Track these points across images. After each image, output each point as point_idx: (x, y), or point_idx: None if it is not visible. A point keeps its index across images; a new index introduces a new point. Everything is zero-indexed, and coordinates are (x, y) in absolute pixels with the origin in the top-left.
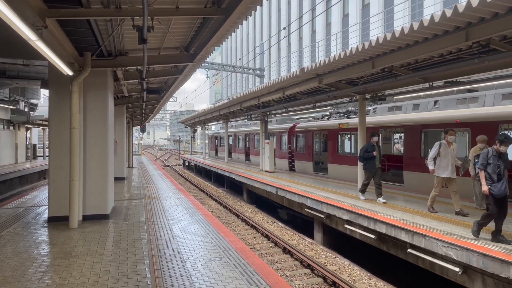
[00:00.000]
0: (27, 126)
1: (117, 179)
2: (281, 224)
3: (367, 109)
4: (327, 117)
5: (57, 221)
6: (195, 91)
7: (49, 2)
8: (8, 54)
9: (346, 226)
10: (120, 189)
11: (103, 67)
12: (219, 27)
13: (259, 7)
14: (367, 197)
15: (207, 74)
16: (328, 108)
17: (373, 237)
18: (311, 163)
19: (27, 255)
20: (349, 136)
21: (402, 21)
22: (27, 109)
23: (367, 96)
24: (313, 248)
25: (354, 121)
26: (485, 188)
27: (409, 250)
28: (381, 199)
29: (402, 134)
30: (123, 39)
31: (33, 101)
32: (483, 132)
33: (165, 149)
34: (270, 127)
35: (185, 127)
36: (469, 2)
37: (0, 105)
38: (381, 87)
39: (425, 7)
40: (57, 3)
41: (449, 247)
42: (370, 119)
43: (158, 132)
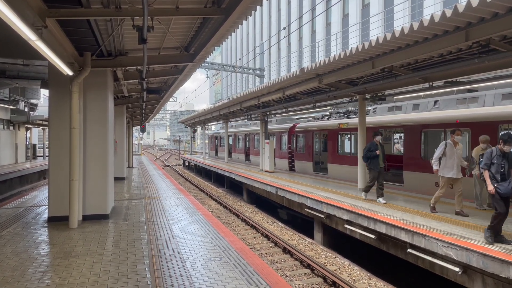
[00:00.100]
0: (27, 126)
1: (117, 179)
2: (281, 224)
3: (367, 109)
4: (327, 117)
5: (57, 221)
6: (195, 91)
7: (49, 2)
8: (8, 54)
9: (346, 226)
10: (120, 189)
11: (103, 67)
12: (219, 27)
13: (259, 7)
14: (368, 197)
15: (207, 74)
16: (328, 108)
17: (373, 237)
18: (311, 163)
19: (27, 255)
20: (349, 136)
21: (402, 21)
22: (27, 109)
23: (367, 96)
24: (313, 248)
25: (354, 121)
26: (491, 187)
27: (409, 250)
28: (381, 200)
29: (402, 134)
30: (123, 39)
31: (33, 101)
32: (483, 132)
33: (165, 149)
34: (270, 127)
35: (185, 127)
36: (469, 2)
37: (0, 105)
38: (381, 87)
39: (425, 7)
40: (57, 3)
41: (449, 247)
42: (370, 119)
43: (158, 132)
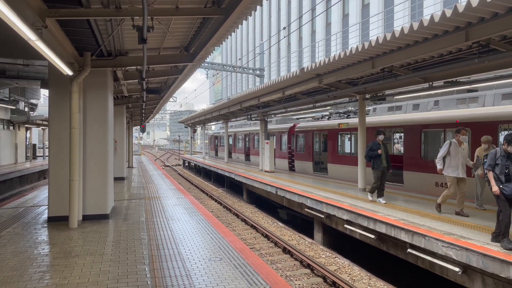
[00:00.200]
0: (27, 126)
1: (117, 179)
2: (281, 224)
3: (367, 109)
4: (327, 117)
5: (57, 221)
6: (195, 91)
7: (49, 2)
8: (8, 54)
9: (346, 226)
10: (120, 189)
11: (103, 67)
12: (219, 27)
13: (259, 7)
14: (367, 197)
15: (207, 74)
16: (328, 108)
17: (373, 237)
18: (311, 163)
19: (27, 255)
20: (349, 136)
21: (402, 21)
22: (27, 109)
23: (367, 96)
24: (313, 248)
25: (354, 121)
26: (496, 188)
27: (409, 250)
28: (381, 200)
29: (402, 134)
30: (123, 39)
31: (33, 101)
32: (483, 132)
33: (165, 149)
34: (270, 127)
35: (185, 127)
36: (469, 2)
37: (0, 105)
38: (381, 87)
39: (425, 7)
40: (57, 3)
41: (449, 247)
42: (370, 119)
43: (158, 132)
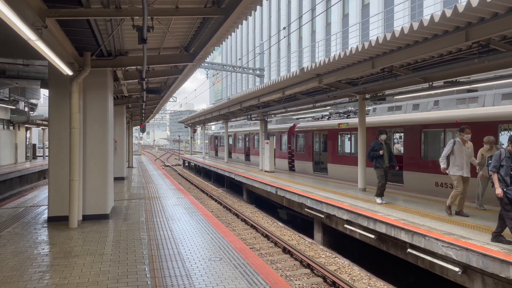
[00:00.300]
0: (27, 126)
1: (117, 179)
2: (281, 224)
3: (367, 109)
4: (327, 117)
5: (57, 221)
6: (195, 91)
7: (49, 2)
8: (8, 54)
9: (346, 226)
10: (120, 189)
11: (103, 67)
12: (219, 27)
13: (259, 7)
14: (369, 197)
15: (207, 74)
16: (328, 108)
17: (373, 237)
18: (311, 163)
19: (27, 255)
20: (349, 136)
21: (402, 21)
22: (27, 109)
23: (367, 96)
24: (313, 248)
25: (354, 121)
26: (499, 191)
27: (409, 250)
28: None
29: (402, 134)
30: (123, 39)
31: (33, 101)
32: (483, 132)
33: (165, 149)
34: (270, 127)
35: (185, 127)
36: (469, 2)
37: (0, 105)
38: (381, 87)
39: (425, 7)
40: (57, 3)
41: (449, 247)
42: (370, 119)
43: (158, 132)
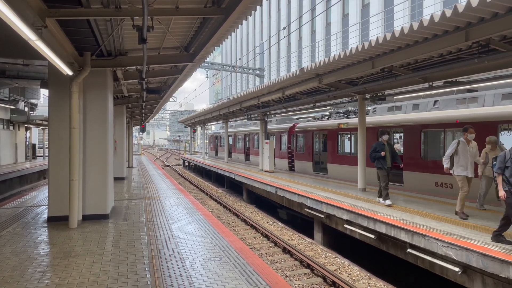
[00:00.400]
0: (26, 126)
1: (116, 179)
2: (280, 224)
3: (366, 109)
4: (327, 117)
5: (57, 221)
6: (195, 91)
7: (49, 2)
8: (8, 54)
9: (345, 226)
10: (119, 189)
11: (103, 67)
12: (219, 27)
13: (258, 7)
14: (368, 197)
15: (207, 74)
16: (328, 108)
17: (372, 237)
18: (310, 163)
19: (26, 255)
20: (349, 136)
21: (402, 21)
22: (26, 109)
23: (367, 96)
24: (313, 248)
25: (353, 121)
26: (502, 193)
27: (409, 250)
28: (381, 200)
29: (402, 134)
30: (123, 39)
31: (33, 101)
32: (483, 132)
33: (164, 149)
34: (269, 127)
35: (185, 127)
36: (469, 2)
37: (0, 104)
38: (381, 87)
39: (425, 7)
40: (57, 3)
41: (449, 247)
42: (370, 119)
43: (157, 132)
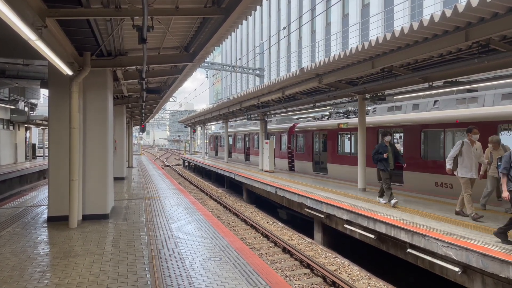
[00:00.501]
0: (26, 125)
1: (116, 179)
2: (280, 224)
3: (366, 109)
4: (327, 117)
5: (57, 221)
6: (195, 91)
7: (49, 2)
8: (8, 54)
9: (345, 226)
10: (119, 189)
11: (103, 66)
12: (219, 27)
13: (258, 7)
14: (368, 197)
15: (207, 74)
16: (328, 108)
17: (372, 237)
18: (310, 163)
19: (26, 255)
20: (349, 136)
21: (402, 21)
22: (26, 109)
23: (367, 96)
24: (313, 248)
25: (353, 121)
26: (506, 194)
27: (409, 250)
28: (381, 200)
29: (401, 134)
30: (123, 39)
31: (33, 101)
32: (483, 132)
33: (164, 149)
34: (269, 127)
35: (185, 127)
36: (469, 2)
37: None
38: (381, 87)
39: (425, 7)
40: (57, 3)
41: (449, 247)
42: (369, 119)
43: (157, 132)
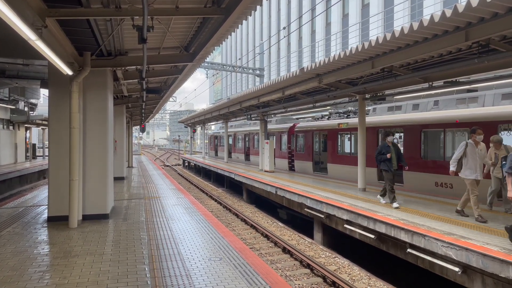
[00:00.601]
0: (26, 125)
1: (116, 179)
2: (280, 224)
3: (366, 109)
4: (327, 117)
5: (57, 221)
6: (195, 91)
7: (49, 1)
8: (8, 54)
9: (345, 226)
10: (119, 189)
11: (103, 66)
12: (219, 27)
13: (258, 7)
14: (369, 197)
15: (207, 73)
16: (328, 108)
17: (372, 237)
18: (310, 163)
19: (26, 255)
20: (349, 136)
21: (402, 21)
22: (26, 109)
23: (367, 96)
24: (313, 248)
25: (353, 121)
26: (511, 194)
27: (409, 250)
28: (382, 200)
29: (401, 134)
30: (123, 38)
31: (33, 101)
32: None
33: (164, 149)
34: (269, 127)
35: (185, 127)
36: (469, 2)
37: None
38: (381, 87)
39: (425, 7)
40: (57, 2)
41: (449, 247)
42: (369, 119)
43: (157, 131)
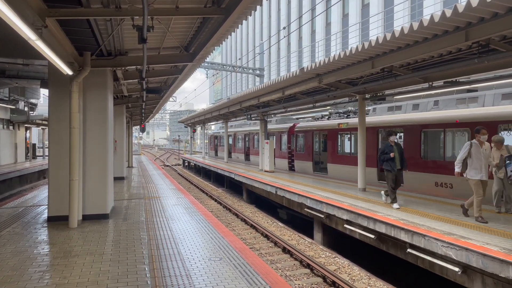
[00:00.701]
0: (26, 125)
1: (116, 179)
2: (280, 224)
3: (366, 109)
4: (327, 117)
5: (57, 221)
6: (195, 91)
7: (49, 1)
8: (8, 53)
9: (345, 226)
10: (119, 189)
11: (103, 66)
12: (219, 27)
13: (258, 7)
14: (369, 197)
15: (207, 73)
16: (328, 108)
17: (372, 237)
18: (310, 163)
19: (26, 255)
20: (349, 136)
21: (402, 21)
22: (26, 109)
23: (367, 96)
24: (313, 248)
25: (353, 121)
26: None
27: (409, 250)
28: (384, 198)
29: (401, 134)
30: (123, 38)
31: (33, 101)
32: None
33: (164, 149)
34: (269, 127)
35: (185, 127)
36: (469, 2)
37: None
38: (381, 87)
39: (425, 7)
40: (57, 2)
41: (449, 247)
42: (369, 119)
43: (157, 131)
